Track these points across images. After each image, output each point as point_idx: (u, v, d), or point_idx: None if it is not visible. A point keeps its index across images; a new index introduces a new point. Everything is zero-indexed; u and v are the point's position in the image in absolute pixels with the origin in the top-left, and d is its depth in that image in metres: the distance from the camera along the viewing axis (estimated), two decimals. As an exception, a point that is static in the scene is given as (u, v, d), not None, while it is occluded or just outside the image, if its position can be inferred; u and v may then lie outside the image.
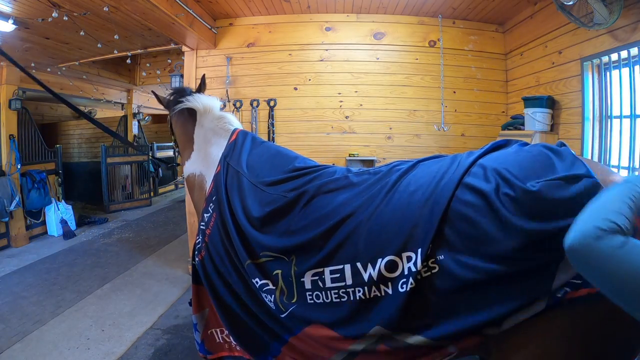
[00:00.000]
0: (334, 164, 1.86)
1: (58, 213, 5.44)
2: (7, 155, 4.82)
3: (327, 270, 1.25)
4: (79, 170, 7.55)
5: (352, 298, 1.21)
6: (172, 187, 9.53)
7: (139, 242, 5.10)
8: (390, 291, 1.15)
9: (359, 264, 1.19)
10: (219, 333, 1.58)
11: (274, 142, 3.66)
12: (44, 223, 5.45)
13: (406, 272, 1.12)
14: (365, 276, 1.18)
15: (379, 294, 1.17)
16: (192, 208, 3.80)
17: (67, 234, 5.31)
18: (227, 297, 1.48)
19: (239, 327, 1.47)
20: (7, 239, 4.81)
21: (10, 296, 3.36)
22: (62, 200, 5.70)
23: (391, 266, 1.14)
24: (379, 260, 1.15)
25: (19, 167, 4.86)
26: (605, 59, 2.55)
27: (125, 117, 7.62)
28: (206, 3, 3.42)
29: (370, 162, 3.70)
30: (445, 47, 3.74)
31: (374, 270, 1.16)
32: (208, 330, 1.60)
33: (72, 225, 5.57)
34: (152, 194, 8.11)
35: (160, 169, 8.59)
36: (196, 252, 1.58)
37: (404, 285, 1.11)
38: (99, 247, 4.87)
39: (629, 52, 2.35)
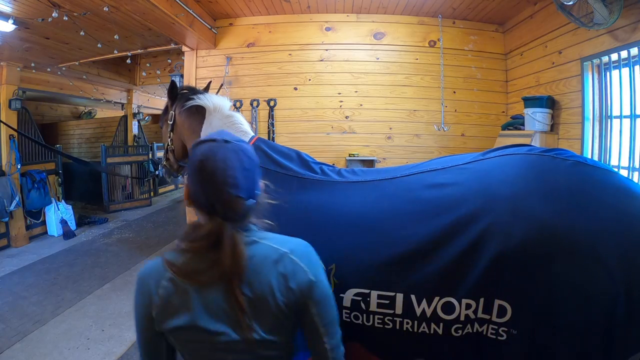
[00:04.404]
0: (334, 164, 1.85)
1: (58, 213, 5.44)
2: (7, 155, 4.82)
3: (374, 293, 1.13)
4: (79, 170, 7.55)
5: (398, 328, 1.12)
6: (172, 187, 9.53)
7: (139, 242, 5.10)
8: (440, 331, 1.09)
9: (413, 297, 1.10)
10: None
11: (273, 142, 3.65)
12: (44, 223, 5.45)
13: (462, 319, 1.06)
14: (418, 310, 1.09)
15: (427, 332, 1.10)
16: (192, 208, 3.80)
17: (67, 234, 5.30)
18: None
19: None
20: (7, 239, 4.81)
21: (10, 296, 3.36)
22: (62, 200, 5.70)
23: (448, 308, 1.07)
24: (436, 298, 1.08)
25: (19, 167, 4.86)
26: (605, 59, 2.55)
27: (125, 117, 7.62)
28: (206, 3, 3.42)
29: (370, 162, 3.70)
30: (445, 47, 3.74)
31: (428, 307, 1.08)
32: None
33: (72, 225, 5.57)
34: (152, 194, 8.11)
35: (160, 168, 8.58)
36: None
37: (459, 331, 1.07)
38: (99, 247, 4.87)
39: (629, 52, 2.35)
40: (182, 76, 4.33)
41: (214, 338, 0.76)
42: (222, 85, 3.70)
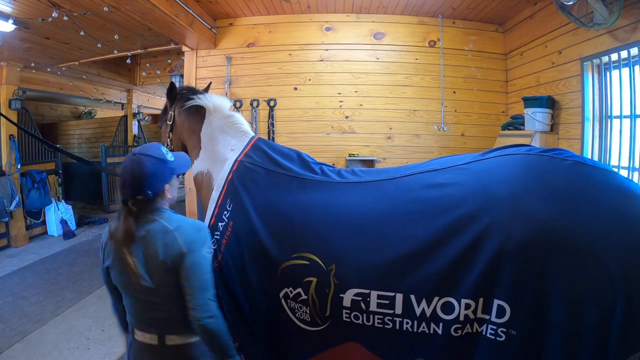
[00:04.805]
0: (334, 164, 1.85)
1: (58, 213, 5.44)
2: (7, 155, 4.82)
3: (374, 293, 1.14)
4: (79, 170, 7.55)
5: (397, 327, 1.14)
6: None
7: (139, 242, 5.10)
8: (440, 331, 1.10)
9: (412, 297, 1.11)
10: None
11: (274, 142, 3.65)
12: (44, 223, 5.45)
13: (462, 319, 1.06)
14: (418, 310, 1.10)
15: (427, 331, 1.11)
16: (192, 208, 3.80)
17: (67, 234, 5.31)
18: (245, 307, 1.41)
19: (249, 338, 1.41)
20: (7, 239, 4.81)
21: (10, 296, 3.36)
22: (62, 200, 5.70)
23: (447, 308, 1.08)
24: (436, 298, 1.09)
25: (19, 167, 4.86)
26: (605, 59, 2.55)
27: (125, 117, 7.62)
28: (206, 3, 3.42)
29: (370, 162, 3.70)
30: (445, 47, 3.73)
31: (427, 307, 1.09)
32: None
33: (72, 225, 5.57)
34: (152, 194, 8.10)
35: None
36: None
37: (458, 331, 1.07)
38: (99, 247, 4.86)
39: (629, 52, 2.35)
40: (182, 76, 4.33)
41: (124, 279, 1.16)
42: (226, 94, 3.71)
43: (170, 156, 1.25)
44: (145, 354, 1.19)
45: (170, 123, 1.87)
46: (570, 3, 2.38)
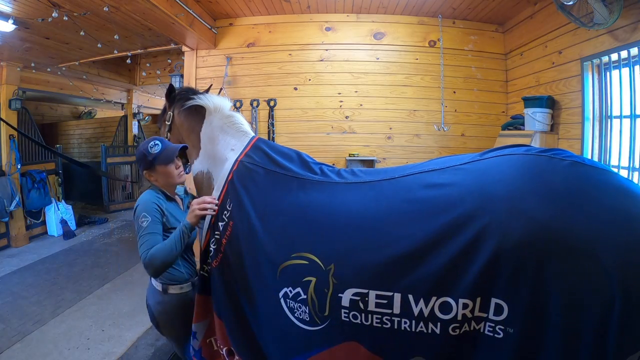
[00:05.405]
0: (334, 164, 1.85)
1: (58, 213, 5.44)
2: (7, 155, 4.82)
3: (372, 293, 1.15)
4: (79, 170, 7.55)
5: (396, 327, 1.14)
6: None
7: (139, 242, 5.09)
8: (438, 331, 1.10)
9: (410, 296, 1.11)
10: (216, 342, 1.58)
11: (273, 142, 3.65)
12: (44, 223, 5.45)
13: (460, 318, 1.06)
14: (416, 310, 1.11)
15: (425, 331, 1.11)
16: (192, 208, 3.80)
17: (67, 234, 5.31)
18: (245, 307, 1.41)
19: (247, 338, 1.42)
20: (7, 239, 4.81)
21: (10, 296, 3.36)
22: (62, 200, 5.70)
23: (445, 308, 1.08)
24: (433, 298, 1.09)
25: (19, 167, 4.86)
26: (605, 59, 2.55)
27: (125, 117, 7.62)
28: (206, 3, 3.42)
29: (370, 162, 3.70)
30: (445, 47, 3.73)
31: (425, 307, 1.10)
32: (207, 339, 1.60)
33: (72, 225, 5.57)
34: (152, 193, 8.08)
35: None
36: (209, 260, 1.51)
37: (456, 330, 1.08)
38: (99, 247, 4.87)
39: (629, 52, 2.35)
40: (182, 76, 4.32)
41: None
42: (221, 89, 3.70)
43: (154, 150, 1.58)
44: None
45: (169, 123, 1.87)
46: (570, 3, 2.38)
